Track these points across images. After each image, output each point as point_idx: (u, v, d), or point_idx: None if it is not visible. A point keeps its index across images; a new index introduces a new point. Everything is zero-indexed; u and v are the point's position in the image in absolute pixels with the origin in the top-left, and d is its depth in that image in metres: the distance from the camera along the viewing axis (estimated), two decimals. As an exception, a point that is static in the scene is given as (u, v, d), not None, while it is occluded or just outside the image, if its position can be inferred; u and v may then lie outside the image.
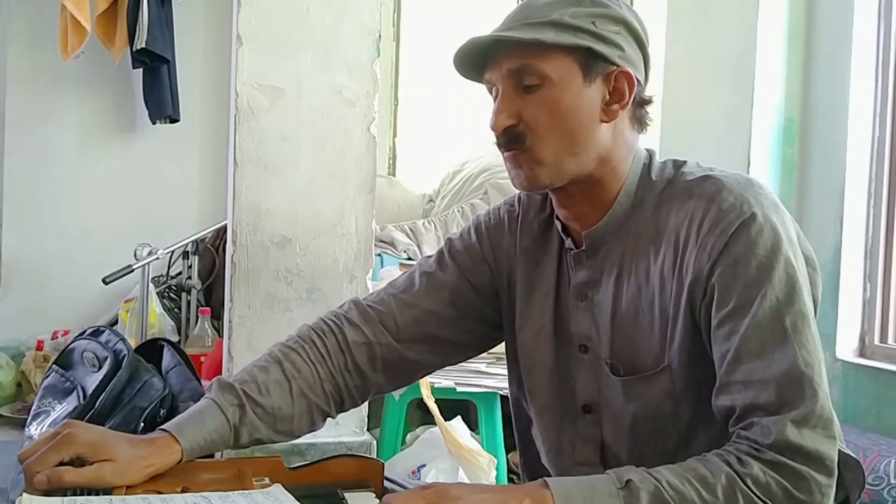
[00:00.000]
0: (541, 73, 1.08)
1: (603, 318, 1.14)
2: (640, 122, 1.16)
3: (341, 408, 1.25)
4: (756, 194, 1.06)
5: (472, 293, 1.27)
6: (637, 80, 1.11)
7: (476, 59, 1.13)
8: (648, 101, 1.16)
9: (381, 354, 1.24)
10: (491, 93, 1.15)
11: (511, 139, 1.11)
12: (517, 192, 1.30)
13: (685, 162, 1.15)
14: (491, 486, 0.99)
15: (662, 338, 1.08)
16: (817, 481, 0.95)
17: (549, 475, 1.22)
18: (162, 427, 1.10)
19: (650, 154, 1.17)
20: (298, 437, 1.22)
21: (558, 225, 1.21)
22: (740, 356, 1.00)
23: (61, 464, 1.01)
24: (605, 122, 1.11)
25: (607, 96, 1.11)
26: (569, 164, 1.11)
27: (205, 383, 1.58)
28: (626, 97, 1.11)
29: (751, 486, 0.94)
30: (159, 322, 3.24)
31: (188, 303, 3.45)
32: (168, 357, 1.67)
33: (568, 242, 1.19)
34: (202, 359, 2.69)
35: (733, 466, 0.96)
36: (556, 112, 1.09)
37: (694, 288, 1.05)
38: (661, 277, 1.08)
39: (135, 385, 1.55)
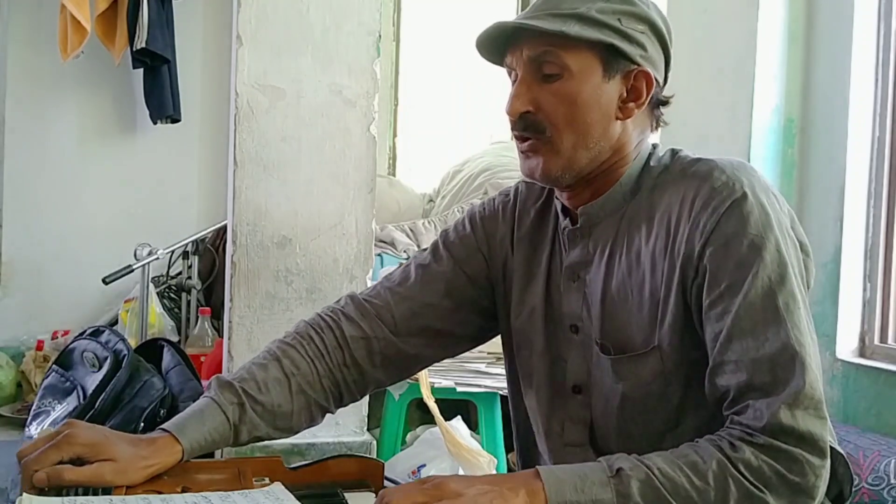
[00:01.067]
0: (561, 64, 1.09)
1: (594, 298, 1.15)
2: (654, 121, 1.17)
3: (340, 403, 1.26)
4: (749, 175, 1.07)
5: (467, 284, 1.27)
6: (656, 80, 1.12)
7: (498, 43, 1.14)
8: (666, 102, 1.17)
9: (379, 349, 1.25)
10: (510, 76, 1.15)
11: (528, 126, 1.12)
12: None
13: (682, 150, 1.16)
14: (486, 478, 0.98)
15: (652, 318, 1.09)
16: (810, 462, 0.96)
17: (541, 458, 1.22)
18: (162, 427, 1.10)
19: (654, 146, 1.18)
20: (298, 432, 1.22)
21: (557, 204, 1.21)
22: (733, 335, 1.00)
23: (61, 463, 1.00)
24: (620, 119, 1.12)
25: (625, 94, 1.11)
26: (582, 158, 1.11)
27: (205, 383, 1.58)
28: (643, 96, 1.12)
29: (742, 471, 0.94)
30: (159, 322, 3.24)
31: (188, 303, 3.45)
32: (168, 357, 1.67)
33: (565, 222, 1.19)
34: (202, 359, 2.69)
35: (725, 452, 0.96)
36: (573, 104, 1.09)
37: (686, 266, 1.05)
38: (652, 258, 1.09)
39: (135, 385, 1.55)
